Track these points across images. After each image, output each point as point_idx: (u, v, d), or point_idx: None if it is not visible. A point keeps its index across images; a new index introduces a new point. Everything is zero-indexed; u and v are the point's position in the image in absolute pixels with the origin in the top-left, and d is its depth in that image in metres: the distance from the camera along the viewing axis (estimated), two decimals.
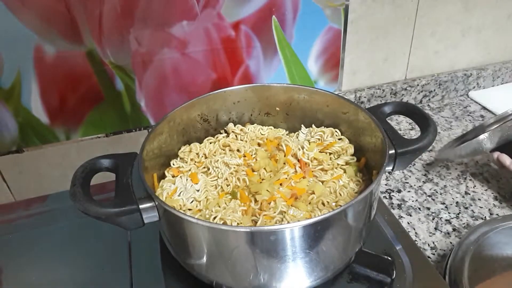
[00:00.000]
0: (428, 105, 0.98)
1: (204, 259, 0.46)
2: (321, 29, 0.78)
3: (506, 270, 0.52)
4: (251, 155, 0.61)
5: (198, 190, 0.55)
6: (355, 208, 0.45)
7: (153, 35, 0.67)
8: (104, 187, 0.60)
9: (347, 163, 0.59)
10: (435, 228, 0.65)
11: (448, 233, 0.64)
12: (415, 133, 0.88)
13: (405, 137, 0.52)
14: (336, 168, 0.58)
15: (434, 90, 0.98)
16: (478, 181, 0.73)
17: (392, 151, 0.50)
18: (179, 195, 0.54)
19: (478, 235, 0.58)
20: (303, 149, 0.60)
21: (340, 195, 0.53)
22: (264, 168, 0.58)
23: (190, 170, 0.59)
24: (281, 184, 0.54)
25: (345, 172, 0.57)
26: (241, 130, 0.65)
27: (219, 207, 0.52)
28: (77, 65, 0.66)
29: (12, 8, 0.59)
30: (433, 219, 0.66)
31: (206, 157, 0.62)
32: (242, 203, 0.52)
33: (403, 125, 0.91)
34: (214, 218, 0.49)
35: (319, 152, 0.60)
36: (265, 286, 0.46)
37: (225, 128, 0.66)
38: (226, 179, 0.57)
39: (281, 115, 0.67)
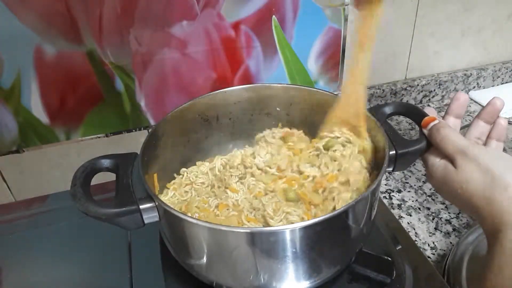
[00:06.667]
0: (428, 105, 0.98)
1: (204, 259, 0.46)
2: (321, 29, 0.78)
3: None
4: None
5: None
6: (355, 209, 0.45)
7: (153, 35, 0.67)
8: (104, 187, 0.60)
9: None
10: (435, 228, 0.65)
11: (448, 233, 0.64)
12: (415, 133, 0.88)
13: (405, 137, 0.52)
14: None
15: (434, 90, 0.98)
16: None
17: (392, 152, 0.50)
18: None
19: (477, 235, 0.59)
20: None
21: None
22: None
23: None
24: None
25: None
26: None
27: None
28: (77, 65, 0.66)
29: (12, 8, 0.59)
30: (433, 219, 0.66)
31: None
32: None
33: (403, 125, 0.91)
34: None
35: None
36: (265, 286, 0.46)
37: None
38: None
39: (281, 115, 0.67)
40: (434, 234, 0.64)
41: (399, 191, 0.73)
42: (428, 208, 0.68)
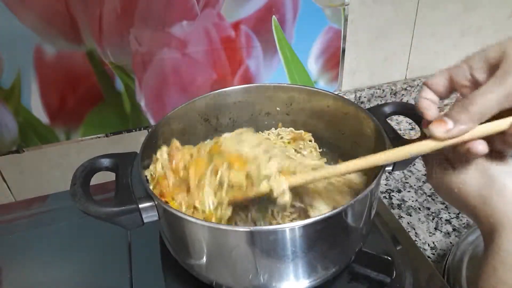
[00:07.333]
0: None
1: (204, 259, 0.46)
2: (321, 29, 0.78)
3: None
4: None
5: None
6: (355, 208, 0.45)
7: (153, 35, 0.67)
8: (104, 187, 0.60)
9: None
10: (435, 228, 0.65)
11: (448, 233, 0.64)
12: (415, 133, 0.88)
13: (405, 137, 0.52)
14: None
15: None
16: None
17: None
18: None
19: (477, 235, 0.59)
20: None
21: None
22: None
23: None
24: None
25: None
26: None
27: None
28: (77, 65, 0.66)
29: (12, 8, 0.59)
30: (433, 219, 0.66)
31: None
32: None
33: (403, 125, 0.91)
34: None
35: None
36: (265, 286, 0.46)
37: None
38: None
39: (281, 115, 0.67)
40: (434, 234, 0.64)
41: (399, 191, 0.73)
42: (428, 208, 0.68)
